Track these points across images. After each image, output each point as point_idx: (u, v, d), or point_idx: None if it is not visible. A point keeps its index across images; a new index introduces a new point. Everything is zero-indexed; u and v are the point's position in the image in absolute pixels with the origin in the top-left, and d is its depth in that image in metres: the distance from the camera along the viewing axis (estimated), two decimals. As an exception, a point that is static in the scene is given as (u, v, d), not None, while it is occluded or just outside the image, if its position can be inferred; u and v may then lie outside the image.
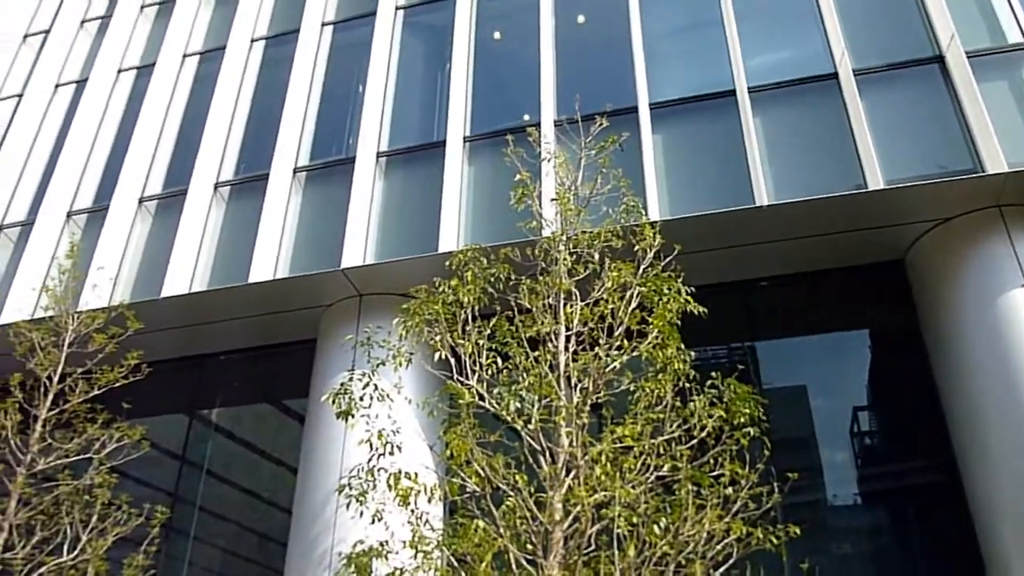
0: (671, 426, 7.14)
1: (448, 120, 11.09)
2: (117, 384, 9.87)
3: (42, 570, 8.99)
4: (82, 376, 9.85)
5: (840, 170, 9.39)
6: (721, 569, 6.62)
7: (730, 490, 6.84)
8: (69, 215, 12.68)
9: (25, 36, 15.68)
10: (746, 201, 9.33)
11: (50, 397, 9.73)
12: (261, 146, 12.02)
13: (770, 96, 10.20)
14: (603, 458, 6.79)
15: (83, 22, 15.40)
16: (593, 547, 6.76)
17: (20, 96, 14.60)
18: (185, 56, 13.89)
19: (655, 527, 6.61)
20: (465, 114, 11.23)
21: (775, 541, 6.76)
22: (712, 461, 7.04)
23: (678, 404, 7.27)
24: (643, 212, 8.58)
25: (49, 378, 9.85)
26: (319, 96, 12.47)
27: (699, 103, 10.46)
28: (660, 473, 6.97)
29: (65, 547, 9.18)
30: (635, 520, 6.63)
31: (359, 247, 10.42)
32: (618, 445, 6.93)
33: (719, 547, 6.62)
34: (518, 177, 8.66)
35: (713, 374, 7.39)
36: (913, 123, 9.63)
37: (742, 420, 7.11)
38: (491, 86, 11.66)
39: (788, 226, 9.69)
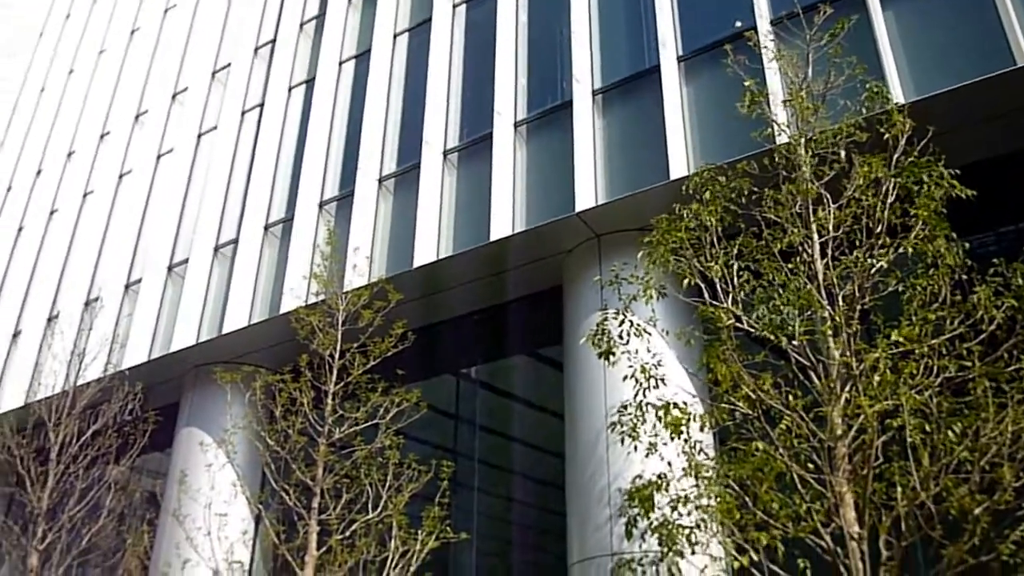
0: (953, 323, 6.60)
1: (659, 44, 10.76)
2: (389, 354, 10.60)
3: (354, 527, 9.92)
4: (358, 350, 10.64)
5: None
6: (1034, 470, 6.06)
7: (1035, 384, 6.22)
8: (321, 205, 13.67)
9: (255, 49, 16.94)
10: (1004, 64, 8.29)
11: (335, 372, 10.63)
12: (480, 107, 12.29)
13: (1019, -59, 8.98)
14: (881, 365, 6.42)
15: (301, 25, 16.37)
16: (882, 459, 6.43)
17: (261, 105, 15.85)
18: (396, 36, 14.42)
19: (950, 432, 6.18)
20: (675, 34, 10.83)
21: (1097, 433, 6.09)
22: (1007, 355, 6.42)
23: (957, 299, 6.70)
24: (887, 97, 7.91)
25: (331, 355, 10.74)
26: (526, 48, 12.50)
27: (933, -34, 9.42)
28: (947, 375, 6.48)
29: (369, 505, 10.05)
30: (927, 427, 6.23)
31: (590, 188, 10.42)
32: (895, 350, 6.52)
33: (1029, 447, 6.07)
34: (746, 83, 8.26)
35: (995, 261, 6.73)
36: None
37: (1037, 307, 6.44)
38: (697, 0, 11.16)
39: (1060, 83, 8.55)
